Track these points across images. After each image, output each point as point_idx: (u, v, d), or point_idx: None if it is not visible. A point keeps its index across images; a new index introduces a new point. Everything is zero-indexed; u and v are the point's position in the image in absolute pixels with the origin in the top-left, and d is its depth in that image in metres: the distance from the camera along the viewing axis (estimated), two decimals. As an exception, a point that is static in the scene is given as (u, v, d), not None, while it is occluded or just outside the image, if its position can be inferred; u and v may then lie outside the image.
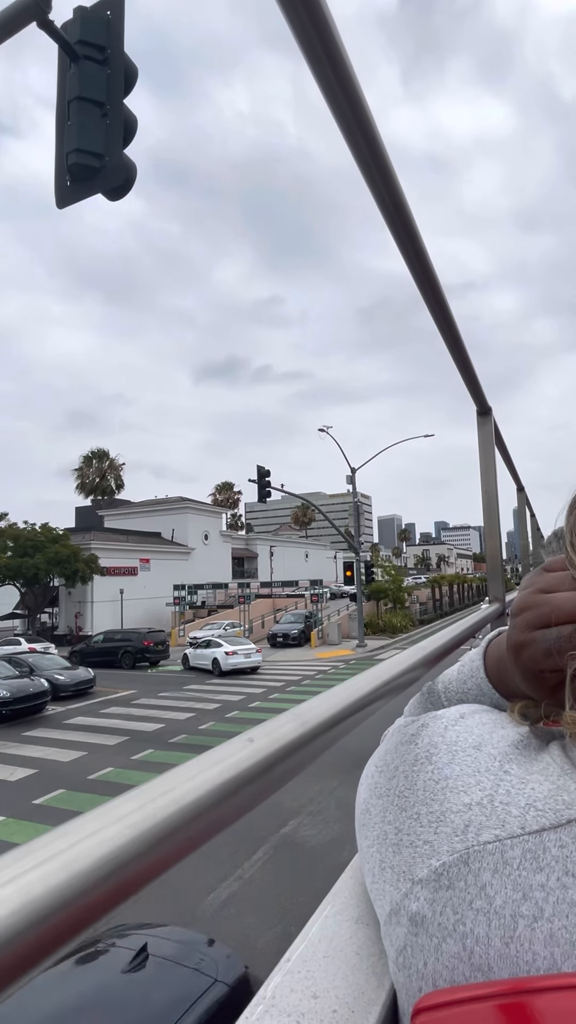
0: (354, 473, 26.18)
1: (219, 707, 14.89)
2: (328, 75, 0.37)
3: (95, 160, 3.05)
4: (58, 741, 12.07)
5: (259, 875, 6.29)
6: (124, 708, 15.25)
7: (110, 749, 11.30)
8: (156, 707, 15.17)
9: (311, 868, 6.35)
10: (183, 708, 14.88)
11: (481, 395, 1.13)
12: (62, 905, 0.17)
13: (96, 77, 3.09)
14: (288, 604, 36.01)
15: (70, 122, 3.06)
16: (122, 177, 3.04)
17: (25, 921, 0.16)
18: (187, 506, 45.63)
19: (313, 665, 22.00)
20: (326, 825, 7.46)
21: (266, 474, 19.01)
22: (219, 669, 20.05)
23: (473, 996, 0.33)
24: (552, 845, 0.36)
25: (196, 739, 11.77)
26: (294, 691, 16.84)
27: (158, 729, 12.82)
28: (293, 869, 6.38)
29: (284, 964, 0.51)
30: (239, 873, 6.31)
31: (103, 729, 12.99)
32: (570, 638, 0.42)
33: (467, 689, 0.58)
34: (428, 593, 42.13)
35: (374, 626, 30.56)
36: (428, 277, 0.61)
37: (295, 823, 7.56)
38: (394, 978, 0.42)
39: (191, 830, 0.22)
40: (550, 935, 0.34)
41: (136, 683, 19.39)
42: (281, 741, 0.29)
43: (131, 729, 12.88)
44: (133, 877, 0.19)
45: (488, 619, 1.04)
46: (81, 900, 0.17)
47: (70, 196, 3.14)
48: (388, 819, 0.45)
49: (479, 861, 0.38)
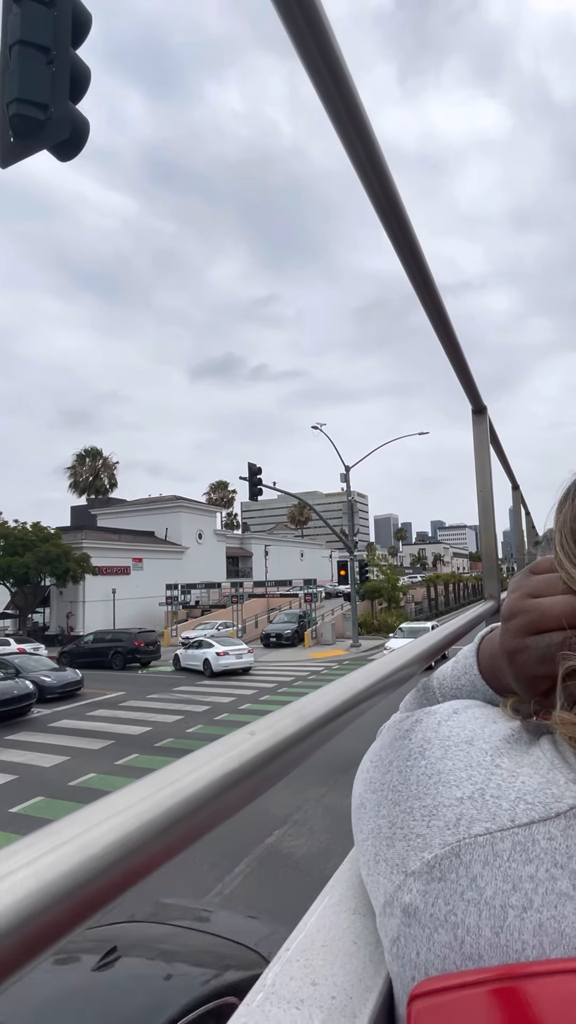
0: (348, 471, 25.89)
1: (208, 709, 14.58)
2: (323, 75, 0.38)
3: (39, 112, 2.73)
4: (41, 745, 11.73)
5: (241, 890, 5.98)
6: (111, 711, 14.92)
7: (94, 754, 10.98)
8: (144, 709, 14.85)
9: (296, 882, 6.05)
10: (171, 711, 14.57)
11: (476, 394, 1.13)
12: (74, 889, 0.18)
13: (41, 20, 2.77)
14: (282, 604, 35.70)
15: (11, 70, 2.73)
16: (68, 131, 2.72)
17: (40, 903, 0.17)
18: (181, 505, 45.26)
19: (306, 665, 21.70)
20: (312, 836, 7.16)
21: (257, 471, 18.64)
22: (210, 670, 19.72)
23: (467, 982, 0.34)
24: (541, 837, 0.37)
25: (182, 743, 11.46)
26: (285, 692, 16.55)
27: (145, 732, 12.51)
28: (277, 884, 6.08)
29: (283, 953, 0.51)
30: (219, 889, 6.00)
31: (88, 732, 12.67)
32: (562, 644, 0.43)
33: (461, 685, 0.60)
34: (423, 592, 41.95)
35: (368, 626, 30.29)
36: (423, 277, 0.62)
37: (280, 833, 7.26)
38: (389, 967, 0.43)
39: (195, 819, 0.23)
40: (539, 925, 0.35)
41: (126, 684, 19.06)
42: (281, 735, 0.30)
43: (117, 732, 12.57)
44: (141, 863, 0.20)
45: (484, 616, 1.05)
46: (92, 884, 0.18)
47: (14, 153, 2.81)
48: (382, 813, 0.46)
49: (470, 853, 0.38)
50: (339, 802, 8.11)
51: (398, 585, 34.33)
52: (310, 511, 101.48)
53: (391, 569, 36.09)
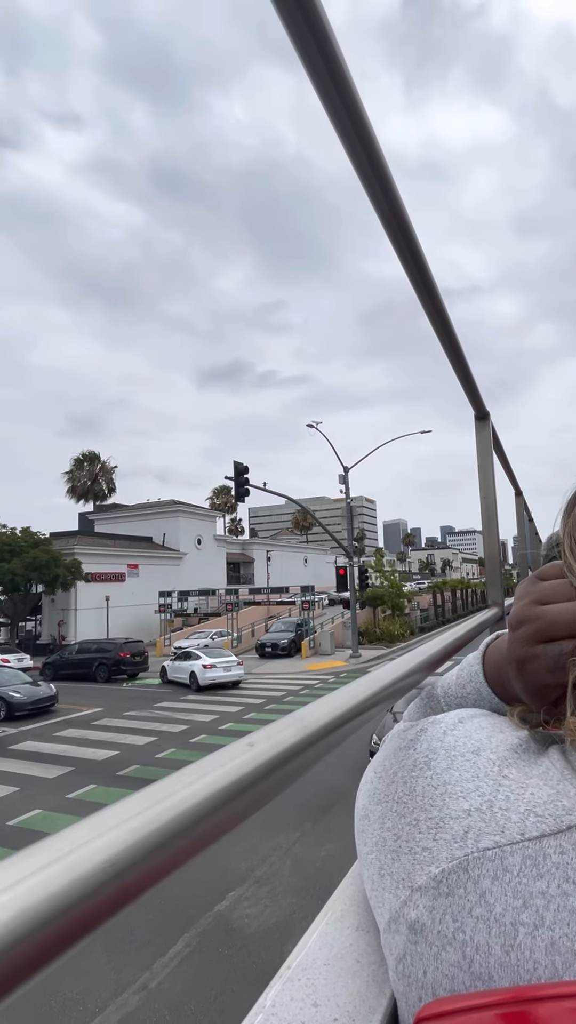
0: (347, 472, 24.63)
1: (186, 729, 13.34)
2: (326, 82, 0.38)
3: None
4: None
5: (171, 981, 4.72)
6: (81, 730, 13.72)
7: (46, 785, 9.76)
8: (117, 729, 13.63)
9: (244, 969, 4.78)
10: (145, 731, 13.35)
11: (479, 399, 1.11)
12: (63, 911, 0.17)
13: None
14: (282, 611, 34.39)
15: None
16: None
17: (25, 927, 0.15)
18: (179, 509, 44.13)
19: (300, 679, 20.38)
20: (274, 900, 5.88)
21: (244, 470, 17.32)
22: (196, 684, 18.44)
23: (475, 1005, 0.33)
24: (552, 851, 0.36)
25: (148, 771, 10.23)
26: (273, 709, 15.26)
27: (110, 758, 11.28)
28: (221, 970, 4.81)
29: (284, 972, 0.50)
30: (144, 980, 4.74)
31: (48, 757, 11.47)
32: (572, 652, 0.42)
33: (466, 693, 0.58)
34: (430, 599, 40.46)
35: (370, 634, 28.85)
36: (426, 283, 0.62)
37: (236, 896, 5.98)
38: (394, 987, 0.42)
39: (192, 835, 0.22)
40: (551, 943, 0.34)
41: (106, 699, 17.85)
42: (282, 745, 0.29)
43: (80, 758, 11.36)
44: (134, 882, 0.19)
45: (488, 623, 1.02)
46: (82, 905, 0.17)
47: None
48: (387, 825, 0.45)
49: (479, 868, 0.37)
50: (311, 852, 6.82)
51: (402, 591, 32.82)
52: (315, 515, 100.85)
53: (395, 574, 34.57)
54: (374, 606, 31.06)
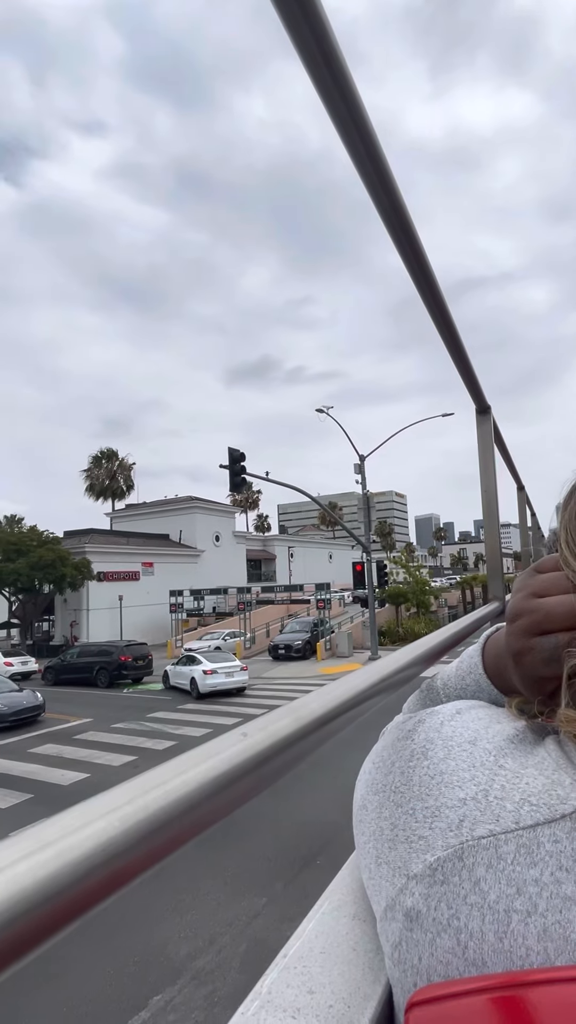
0: (363, 460, 22.89)
1: (172, 747, 11.89)
2: (324, 76, 0.38)
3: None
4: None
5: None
6: (59, 746, 12.41)
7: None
8: (98, 745, 12.30)
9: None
10: (128, 748, 11.96)
11: (480, 394, 1.15)
12: (52, 895, 0.17)
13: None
14: (301, 610, 32.80)
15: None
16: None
17: (12, 911, 0.16)
18: (195, 505, 42.90)
19: (312, 684, 18.74)
20: (209, 1015, 4.32)
21: (239, 458, 15.74)
22: (196, 691, 17.01)
23: (467, 990, 0.33)
24: (546, 840, 0.36)
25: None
26: (275, 721, 13.72)
27: (78, 781, 9.92)
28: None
29: (280, 960, 0.50)
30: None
31: (9, 781, 10.15)
32: (568, 644, 0.43)
33: (466, 685, 0.59)
34: (459, 595, 38.36)
35: (392, 634, 27.00)
36: (426, 277, 0.62)
37: (164, 998, 4.45)
38: (389, 973, 0.42)
39: (182, 823, 0.22)
40: (543, 930, 0.34)
41: (100, 707, 16.57)
42: (276, 736, 0.29)
43: (44, 782, 10.02)
44: (124, 869, 0.19)
45: (488, 617, 1.03)
46: (71, 891, 0.17)
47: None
48: (384, 815, 0.45)
49: (473, 856, 0.38)
50: (275, 932, 5.23)
51: (427, 588, 30.83)
52: (342, 511, 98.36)
53: (420, 569, 32.55)
54: (397, 604, 29.21)
